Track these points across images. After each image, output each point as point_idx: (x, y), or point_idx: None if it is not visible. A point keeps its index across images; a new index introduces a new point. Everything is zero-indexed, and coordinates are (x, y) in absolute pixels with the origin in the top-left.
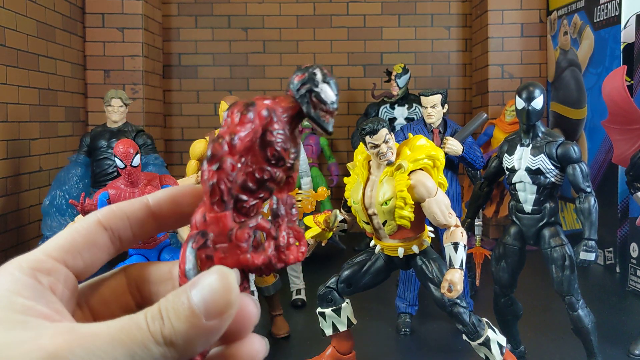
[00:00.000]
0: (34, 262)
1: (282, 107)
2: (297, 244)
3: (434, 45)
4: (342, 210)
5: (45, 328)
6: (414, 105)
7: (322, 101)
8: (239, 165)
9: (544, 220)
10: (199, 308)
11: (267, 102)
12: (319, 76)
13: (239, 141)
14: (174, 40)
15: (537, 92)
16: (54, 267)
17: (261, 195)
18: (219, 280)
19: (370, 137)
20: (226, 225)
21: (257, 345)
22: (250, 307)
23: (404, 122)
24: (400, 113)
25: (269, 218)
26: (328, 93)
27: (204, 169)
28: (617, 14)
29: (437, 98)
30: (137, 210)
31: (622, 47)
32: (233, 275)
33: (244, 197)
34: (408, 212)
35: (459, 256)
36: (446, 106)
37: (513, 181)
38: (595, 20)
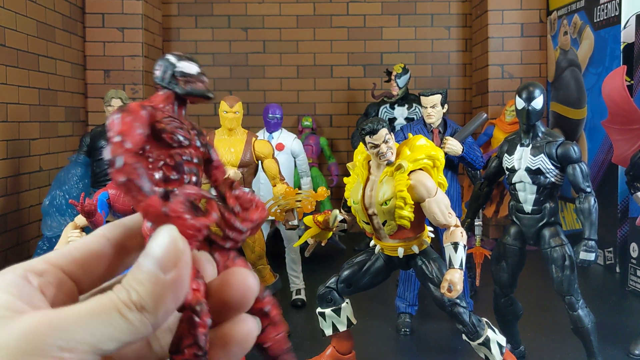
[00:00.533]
0: (27, 265)
1: (157, 101)
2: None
3: (434, 45)
4: (342, 210)
5: (16, 316)
6: (414, 105)
7: (187, 75)
8: (146, 159)
9: (544, 220)
10: (154, 266)
11: (138, 103)
12: (173, 58)
13: (129, 137)
14: (174, 40)
15: (537, 92)
16: (46, 269)
17: (186, 177)
18: (163, 236)
19: (370, 137)
20: (156, 206)
21: (250, 324)
22: (250, 279)
23: (404, 122)
24: (400, 113)
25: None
26: (189, 66)
27: (112, 177)
28: (617, 14)
29: (437, 98)
30: (135, 220)
31: (622, 47)
32: (174, 228)
33: (173, 188)
34: (408, 212)
35: (459, 256)
36: (446, 106)
37: (513, 181)
38: (595, 20)
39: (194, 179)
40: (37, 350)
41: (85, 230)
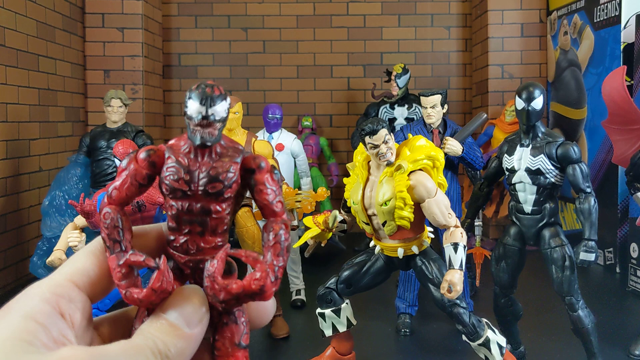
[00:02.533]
0: (55, 288)
1: (180, 139)
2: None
3: (434, 45)
4: (341, 211)
5: (48, 349)
6: (414, 105)
7: (189, 117)
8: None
9: (544, 221)
10: (181, 321)
11: (158, 148)
12: (188, 94)
13: (114, 190)
14: (174, 40)
15: (537, 92)
16: (73, 295)
17: (184, 228)
18: (192, 295)
19: (369, 137)
20: (110, 267)
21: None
22: (269, 307)
23: (404, 123)
24: (400, 113)
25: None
26: (191, 107)
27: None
28: (617, 14)
29: (437, 98)
30: (150, 239)
31: (622, 47)
32: (201, 290)
33: (172, 237)
34: (408, 213)
35: (459, 257)
36: (446, 106)
37: (513, 181)
38: (595, 20)
39: (198, 229)
40: None
41: (85, 230)
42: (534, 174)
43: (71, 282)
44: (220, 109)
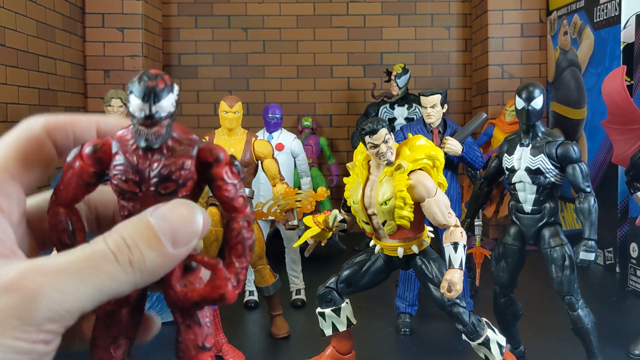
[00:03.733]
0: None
1: (127, 132)
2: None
3: (434, 45)
4: (341, 210)
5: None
6: (414, 105)
7: (132, 115)
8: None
9: (544, 220)
10: (167, 238)
11: (101, 143)
12: (129, 88)
13: (60, 191)
14: (174, 40)
15: (536, 92)
16: (9, 189)
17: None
18: (185, 211)
19: (369, 137)
20: None
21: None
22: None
23: (404, 122)
24: (400, 113)
25: None
26: (133, 104)
27: None
28: (617, 14)
29: (437, 98)
30: (85, 129)
31: (622, 47)
32: (197, 206)
33: None
34: (408, 212)
35: (459, 256)
36: (446, 106)
37: (513, 181)
38: (595, 20)
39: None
40: (29, 322)
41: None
42: (534, 173)
43: (4, 170)
44: (166, 103)
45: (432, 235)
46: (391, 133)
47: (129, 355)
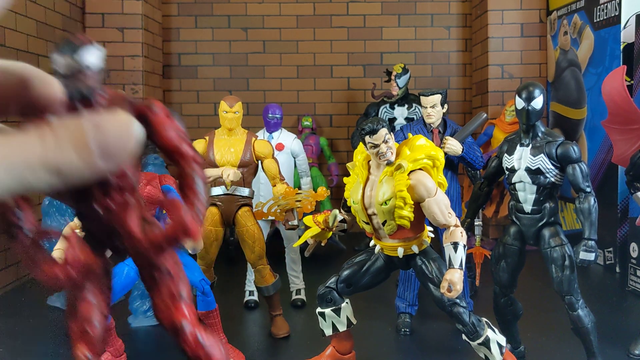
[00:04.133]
0: None
1: None
2: None
3: (434, 45)
4: (341, 210)
5: None
6: (414, 105)
7: (56, 73)
8: None
9: (544, 220)
10: (97, 148)
11: None
12: (52, 55)
13: None
14: (174, 40)
15: (536, 92)
16: None
17: None
18: (122, 126)
19: (370, 137)
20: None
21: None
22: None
23: (404, 122)
24: (400, 113)
25: None
26: (57, 62)
27: None
28: (617, 14)
29: (437, 98)
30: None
31: (622, 47)
32: (135, 122)
33: None
34: (408, 212)
35: (459, 256)
36: (446, 106)
37: (513, 181)
38: (595, 20)
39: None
40: None
41: None
42: (534, 173)
43: None
44: (89, 56)
45: (432, 235)
46: (391, 133)
47: (106, 329)
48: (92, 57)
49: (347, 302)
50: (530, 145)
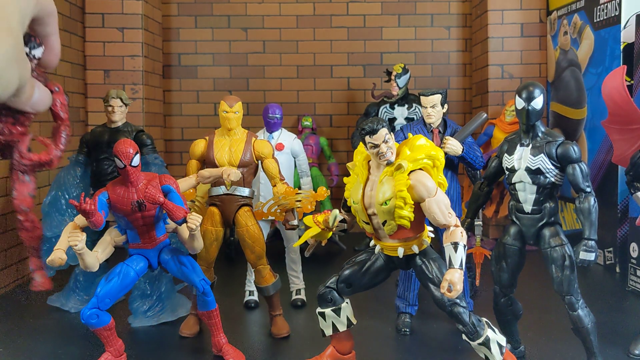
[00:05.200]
0: None
1: None
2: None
3: (434, 45)
4: (342, 210)
5: None
6: (414, 105)
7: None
8: None
9: (544, 220)
10: (27, 98)
11: None
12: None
13: None
14: (174, 40)
15: (537, 92)
16: None
17: None
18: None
19: (370, 137)
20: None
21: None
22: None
23: (404, 122)
24: (400, 113)
25: None
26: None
27: None
28: (617, 14)
29: (437, 98)
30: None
31: (622, 47)
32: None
33: None
34: (408, 212)
35: (459, 256)
36: (446, 106)
37: (513, 181)
38: (595, 20)
39: (10, 121)
40: None
41: (85, 230)
42: (534, 173)
43: None
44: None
45: (432, 235)
46: (391, 133)
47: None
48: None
49: (347, 302)
50: (531, 145)
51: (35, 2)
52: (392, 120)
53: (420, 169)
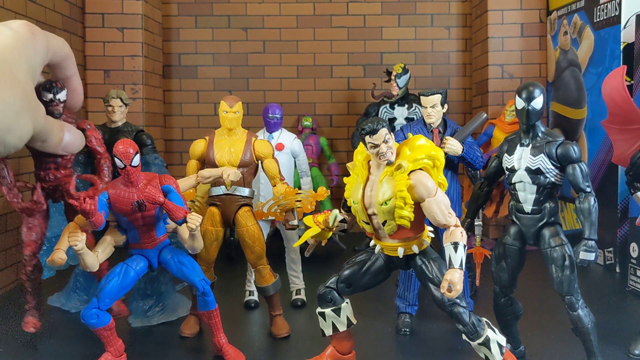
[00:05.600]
0: None
1: None
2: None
3: (434, 45)
4: (342, 210)
5: None
6: (414, 105)
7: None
8: None
9: (544, 220)
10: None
11: None
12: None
13: None
14: (174, 40)
15: (536, 92)
16: None
17: None
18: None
19: (370, 137)
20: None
21: None
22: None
23: (404, 122)
24: (400, 113)
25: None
26: (45, 95)
27: None
28: (617, 14)
29: (437, 98)
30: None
31: (622, 47)
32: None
33: None
34: (408, 212)
35: (459, 256)
36: (446, 106)
37: (513, 181)
38: (595, 20)
39: (53, 166)
40: None
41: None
42: (534, 173)
43: None
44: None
45: (432, 235)
46: (391, 133)
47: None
48: (63, 94)
49: (347, 302)
50: (530, 145)
51: (45, 50)
52: (392, 120)
53: (420, 169)
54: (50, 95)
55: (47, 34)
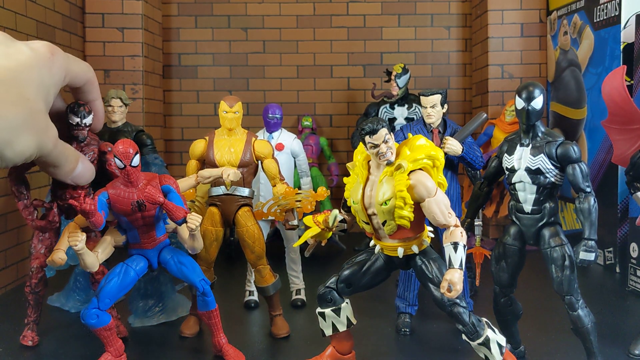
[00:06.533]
0: None
1: None
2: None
3: (434, 45)
4: (342, 210)
5: None
6: (414, 105)
7: (71, 125)
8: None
9: (544, 220)
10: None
11: None
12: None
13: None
14: (174, 40)
15: (536, 92)
16: None
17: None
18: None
19: (369, 137)
20: (19, 209)
21: None
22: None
23: (404, 122)
24: (400, 113)
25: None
26: (72, 119)
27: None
28: (617, 14)
29: (437, 98)
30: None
31: (622, 47)
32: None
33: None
34: (408, 212)
35: (459, 256)
36: (446, 106)
37: (513, 181)
38: (595, 20)
39: (70, 186)
40: None
41: (85, 230)
42: (534, 173)
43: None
44: (87, 119)
45: (432, 235)
46: (391, 133)
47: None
48: (89, 119)
49: (347, 302)
50: (530, 145)
51: (63, 72)
52: (392, 120)
53: (420, 169)
54: (77, 119)
55: (69, 56)
